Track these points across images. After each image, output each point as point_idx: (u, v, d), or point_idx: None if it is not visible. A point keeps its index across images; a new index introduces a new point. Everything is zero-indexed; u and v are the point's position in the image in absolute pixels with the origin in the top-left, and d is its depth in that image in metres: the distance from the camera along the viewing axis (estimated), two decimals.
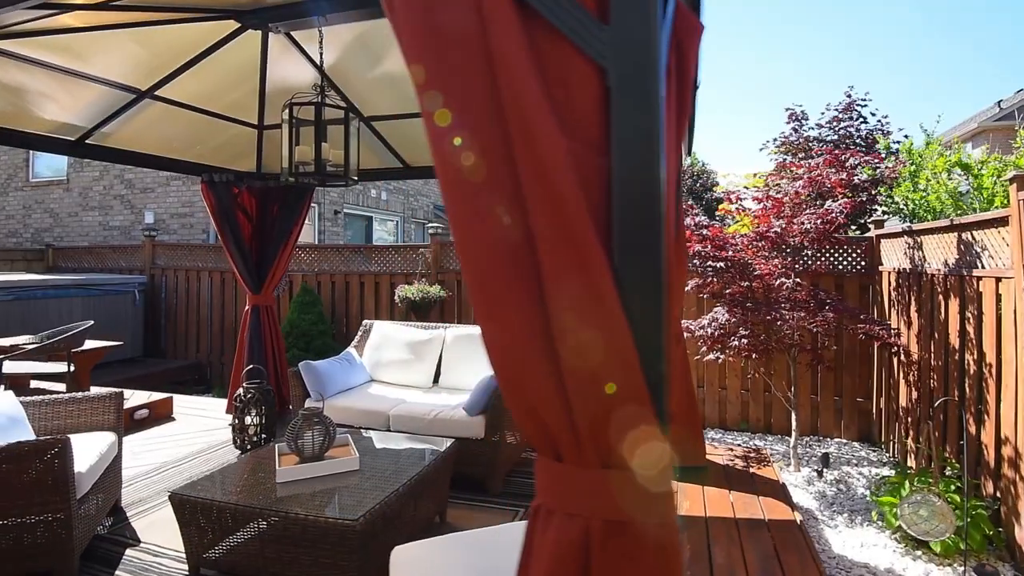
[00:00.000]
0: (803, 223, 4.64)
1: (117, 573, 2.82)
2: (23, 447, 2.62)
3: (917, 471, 4.13)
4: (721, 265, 4.59)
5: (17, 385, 5.11)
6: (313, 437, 2.92)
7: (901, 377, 5.15)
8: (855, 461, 5.40)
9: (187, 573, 2.72)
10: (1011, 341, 3.35)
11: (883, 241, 5.65)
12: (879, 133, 10.26)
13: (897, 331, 4.97)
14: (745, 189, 5.51)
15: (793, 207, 4.82)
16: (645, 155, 1.03)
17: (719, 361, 5.15)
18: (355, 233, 13.47)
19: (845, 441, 5.96)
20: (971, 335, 3.99)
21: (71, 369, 4.78)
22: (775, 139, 10.02)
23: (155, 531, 3.21)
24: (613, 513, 1.06)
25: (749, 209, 5.01)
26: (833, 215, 4.67)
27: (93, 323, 5.02)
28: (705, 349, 4.96)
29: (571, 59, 1.05)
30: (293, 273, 7.80)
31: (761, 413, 6.18)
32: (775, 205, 4.61)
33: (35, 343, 5.13)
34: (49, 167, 11.29)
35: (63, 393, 4.97)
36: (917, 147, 6.06)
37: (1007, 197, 3.53)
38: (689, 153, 5.51)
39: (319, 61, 3.28)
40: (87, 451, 3.03)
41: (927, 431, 3.95)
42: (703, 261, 4.65)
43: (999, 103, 20.02)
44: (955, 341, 4.19)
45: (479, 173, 1.07)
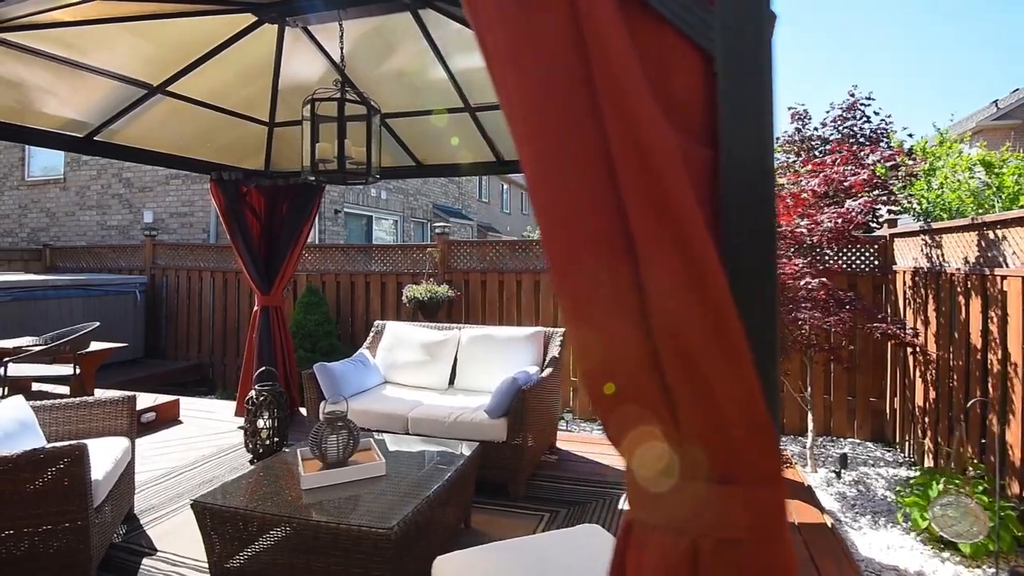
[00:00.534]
0: (822, 221, 4.59)
1: None
2: (38, 454, 2.52)
3: (941, 471, 4.09)
4: None
5: (19, 388, 5.00)
6: (338, 442, 2.84)
7: (918, 377, 5.11)
8: (871, 461, 5.37)
9: None
10: None
11: (897, 240, 5.61)
12: (883, 132, 10.26)
13: (915, 330, 4.94)
14: None
15: (810, 205, 4.78)
16: (757, 147, 0.96)
17: None
18: (355, 232, 13.36)
19: (859, 441, 5.93)
20: (995, 334, 3.96)
21: (77, 372, 4.67)
22: (777, 138, 9.99)
23: (171, 539, 3.12)
24: (727, 530, 0.98)
25: None
26: (853, 213, 4.63)
27: (99, 324, 4.90)
28: None
29: (671, 43, 0.98)
30: (298, 273, 7.69)
31: None
32: (797, 203, 4.56)
33: (39, 345, 5.01)
34: (45, 166, 11.12)
35: (73, 397, 4.86)
36: (930, 146, 6.02)
37: None
38: None
39: (339, 56, 3.20)
40: (102, 457, 2.94)
41: (959, 432, 3.90)
42: None
43: (996, 103, 20.16)
44: (977, 341, 4.15)
45: (570, 168, 1.00)
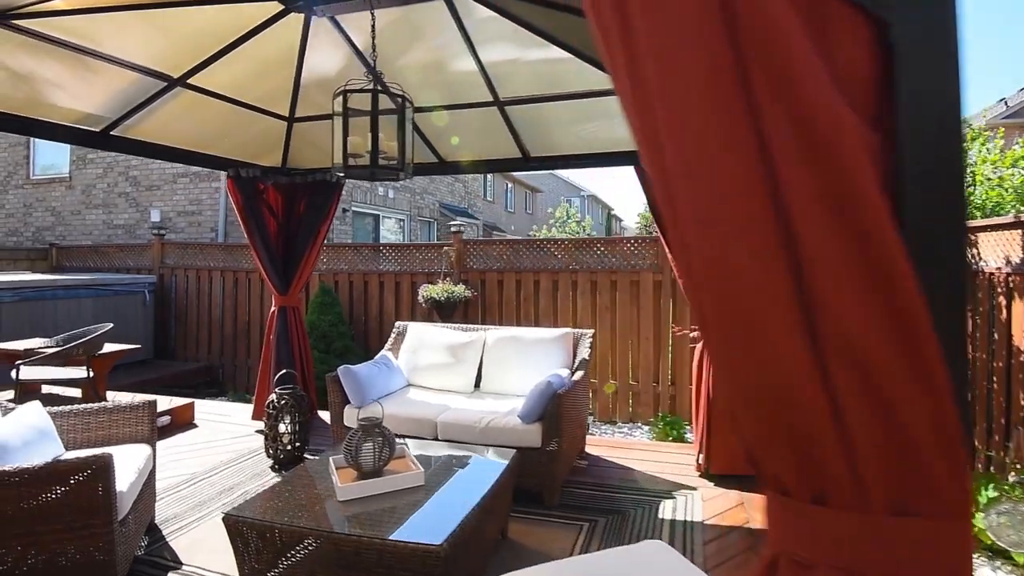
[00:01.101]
0: None
1: None
2: (61, 466, 2.39)
3: (987, 476, 3.96)
4: None
5: (28, 391, 4.86)
6: (374, 450, 2.70)
7: None
8: None
9: None
10: None
11: None
12: None
13: None
14: None
15: None
16: (941, 131, 0.83)
17: None
18: (362, 231, 13.21)
19: None
20: None
21: (90, 375, 4.53)
22: None
23: (197, 551, 2.98)
24: (905, 571, 0.85)
25: None
26: None
27: (112, 325, 4.77)
28: None
29: (835, 9, 0.85)
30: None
31: None
32: None
33: (51, 346, 4.88)
34: (50, 164, 10.97)
35: (86, 401, 4.73)
36: None
37: None
38: None
39: (371, 46, 3.06)
40: (126, 467, 2.80)
41: (1017, 437, 3.77)
42: None
43: (1004, 101, 19.98)
44: (1020, 342, 4.02)
45: (723, 163, 0.86)
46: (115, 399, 5.20)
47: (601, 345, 6.30)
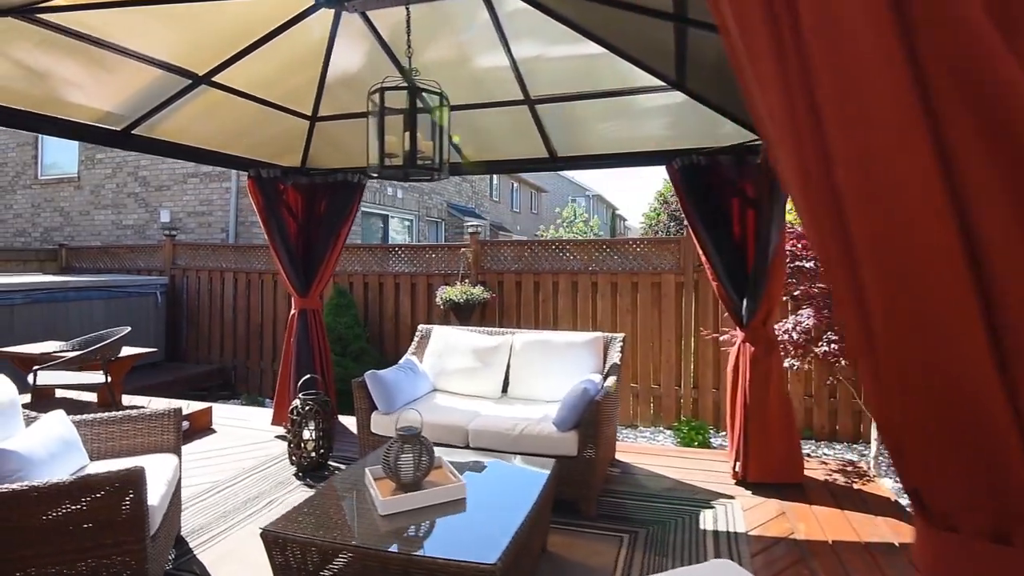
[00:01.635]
0: None
1: None
2: (93, 480, 2.28)
3: None
4: (810, 265, 4.29)
5: (43, 396, 4.76)
6: (414, 461, 2.60)
7: None
8: None
9: None
10: None
11: None
12: None
13: None
14: None
15: None
16: None
17: (795, 369, 4.82)
18: (370, 232, 13.11)
19: None
20: None
21: (108, 380, 4.43)
22: None
23: (226, 566, 2.88)
24: None
25: None
26: None
27: (130, 329, 4.67)
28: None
29: None
30: None
31: (825, 420, 5.89)
32: None
33: (66, 350, 4.78)
34: (59, 164, 10.88)
35: (101, 406, 4.62)
36: None
37: None
38: None
39: (406, 43, 2.94)
40: (155, 479, 2.69)
41: None
42: (791, 260, 4.34)
43: None
44: None
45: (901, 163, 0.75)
46: (142, 406, 5.10)
47: None
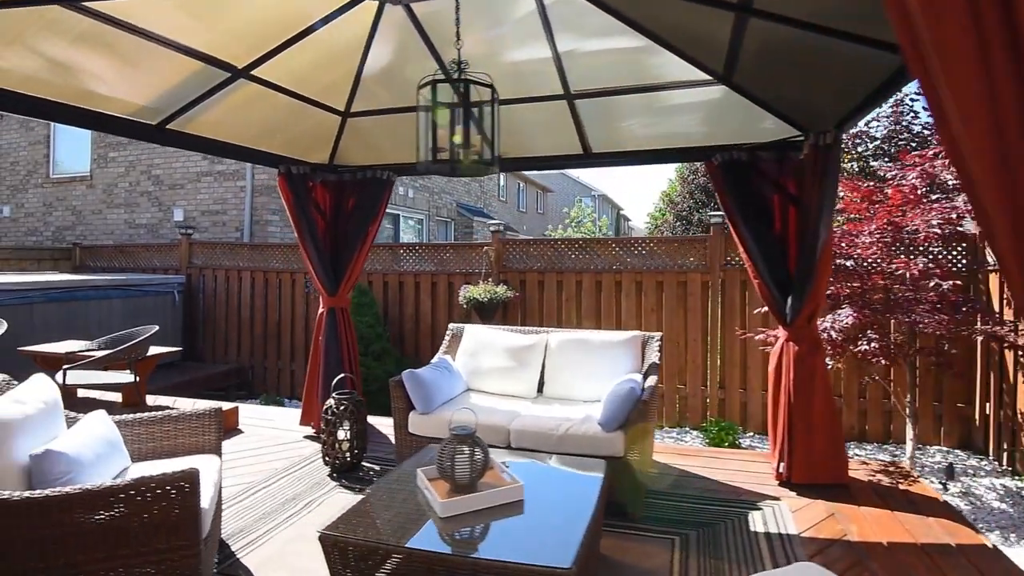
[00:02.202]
0: (931, 219, 4.27)
1: None
2: (149, 482, 2.21)
3: None
4: (851, 264, 4.23)
5: (67, 397, 4.69)
6: (470, 462, 2.53)
7: (1022, 381, 4.80)
8: (969, 471, 5.06)
9: None
10: None
11: None
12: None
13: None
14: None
15: (915, 201, 4.46)
16: None
17: (827, 368, 4.75)
18: (381, 231, 13.04)
19: (946, 449, 5.60)
20: None
21: (136, 379, 4.37)
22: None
23: (274, 569, 2.81)
24: None
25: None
26: (962, 209, 4.32)
27: (158, 328, 4.60)
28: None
29: None
30: None
31: (855, 420, 5.83)
32: (912, 197, 4.24)
33: (92, 349, 4.72)
34: (71, 163, 10.81)
35: (135, 407, 4.55)
36: None
37: None
38: None
39: (455, 34, 2.87)
40: (202, 481, 2.62)
41: None
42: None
43: None
44: None
45: None
46: (168, 406, 5.03)
47: None
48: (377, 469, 4.07)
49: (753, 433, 6.01)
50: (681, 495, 3.66)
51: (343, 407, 3.93)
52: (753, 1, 2.52)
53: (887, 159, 9.95)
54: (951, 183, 4.49)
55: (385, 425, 4.96)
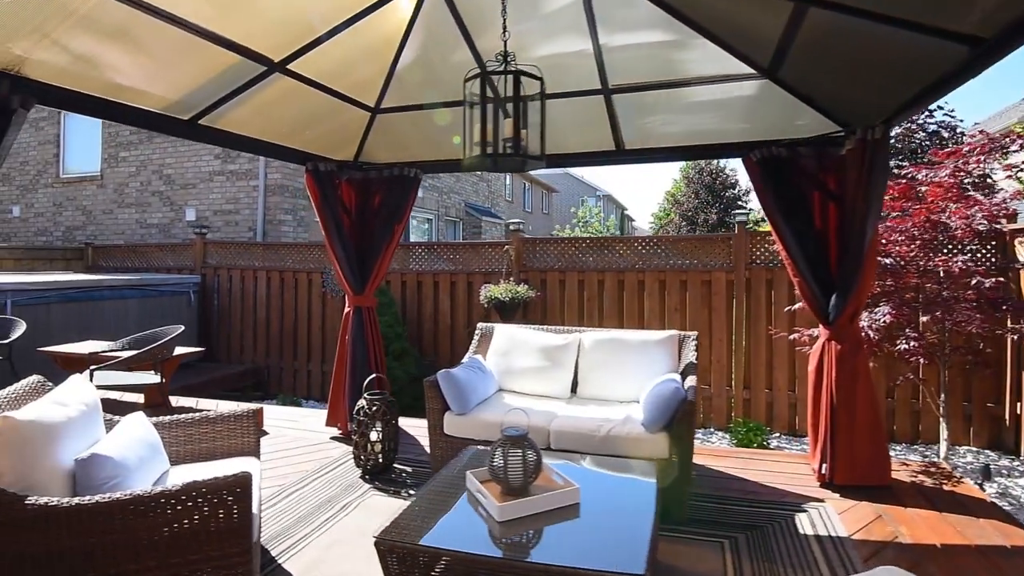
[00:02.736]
0: (972, 215, 4.20)
1: None
2: (200, 487, 2.14)
3: None
4: (889, 262, 4.16)
5: None
6: (525, 464, 2.46)
7: None
8: (1003, 472, 4.99)
9: None
10: None
11: (1019, 237, 5.22)
12: (948, 127, 9.85)
13: None
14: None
15: (954, 197, 4.39)
16: None
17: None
18: None
19: (976, 449, 5.53)
20: None
21: (162, 380, 4.30)
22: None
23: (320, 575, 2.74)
24: None
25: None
26: (1005, 205, 4.25)
27: (184, 328, 4.53)
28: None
29: None
30: None
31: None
32: (954, 193, 4.17)
33: (115, 349, 4.66)
34: (81, 163, 10.73)
35: (160, 408, 4.49)
36: None
37: None
38: None
39: (501, 25, 2.80)
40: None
41: None
42: None
43: None
44: None
45: None
46: (191, 407, 4.97)
47: None
48: (409, 471, 4.00)
49: (780, 434, 5.94)
50: (721, 497, 3.59)
51: (375, 407, 3.86)
52: None
53: (901, 157, 9.89)
54: (989, 180, 4.42)
55: (410, 426, 4.90)
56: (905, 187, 4.44)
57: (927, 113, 9.78)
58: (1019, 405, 5.24)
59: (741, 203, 22.43)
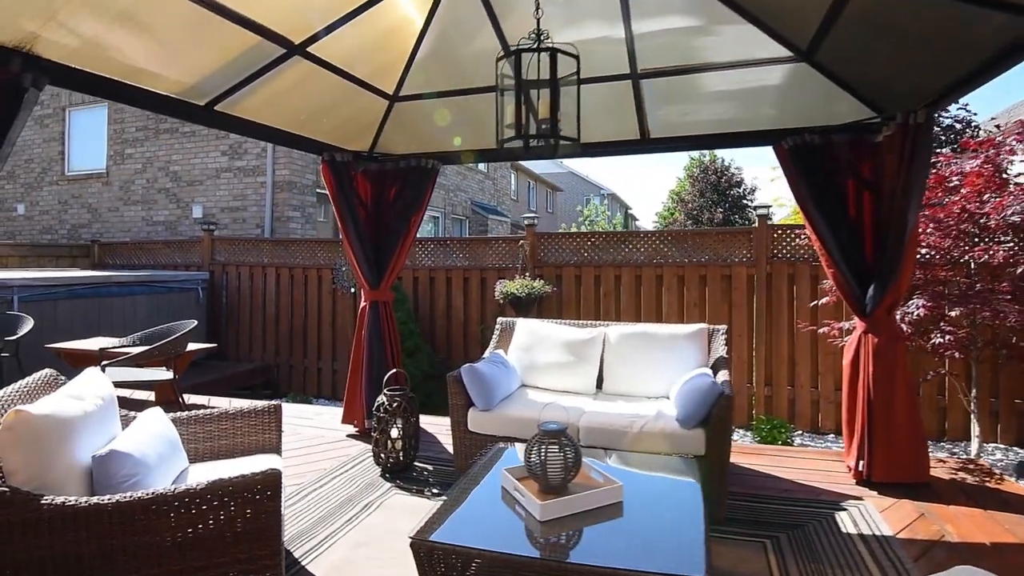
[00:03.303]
0: (1013, 206, 4.06)
1: None
2: (226, 486, 2.02)
3: None
4: (924, 251, 4.03)
5: None
6: (564, 461, 2.34)
7: None
8: None
9: None
10: None
11: None
12: (965, 121, 9.71)
13: None
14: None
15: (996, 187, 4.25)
16: None
17: None
18: None
19: (1004, 446, 5.40)
20: None
21: (174, 376, 4.18)
22: None
23: None
24: None
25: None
26: None
27: (196, 323, 4.42)
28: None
29: None
30: None
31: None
32: (995, 183, 4.03)
33: (125, 345, 4.54)
34: (86, 160, 10.62)
35: (173, 404, 4.37)
36: None
37: None
38: None
39: (535, 5, 2.68)
40: None
41: None
42: None
43: None
44: None
45: None
46: (203, 404, 4.85)
47: None
48: (431, 469, 3.88)
49: (802, 431, 5.81)
50: (757, 495, 3.47)
51: (396, 403, 3.74)
52: None
53: None
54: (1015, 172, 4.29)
55: (427, 424, 4.77)
56: (939, 176, 4.30)
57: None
58: None
59: (747, 201, 22.29)
